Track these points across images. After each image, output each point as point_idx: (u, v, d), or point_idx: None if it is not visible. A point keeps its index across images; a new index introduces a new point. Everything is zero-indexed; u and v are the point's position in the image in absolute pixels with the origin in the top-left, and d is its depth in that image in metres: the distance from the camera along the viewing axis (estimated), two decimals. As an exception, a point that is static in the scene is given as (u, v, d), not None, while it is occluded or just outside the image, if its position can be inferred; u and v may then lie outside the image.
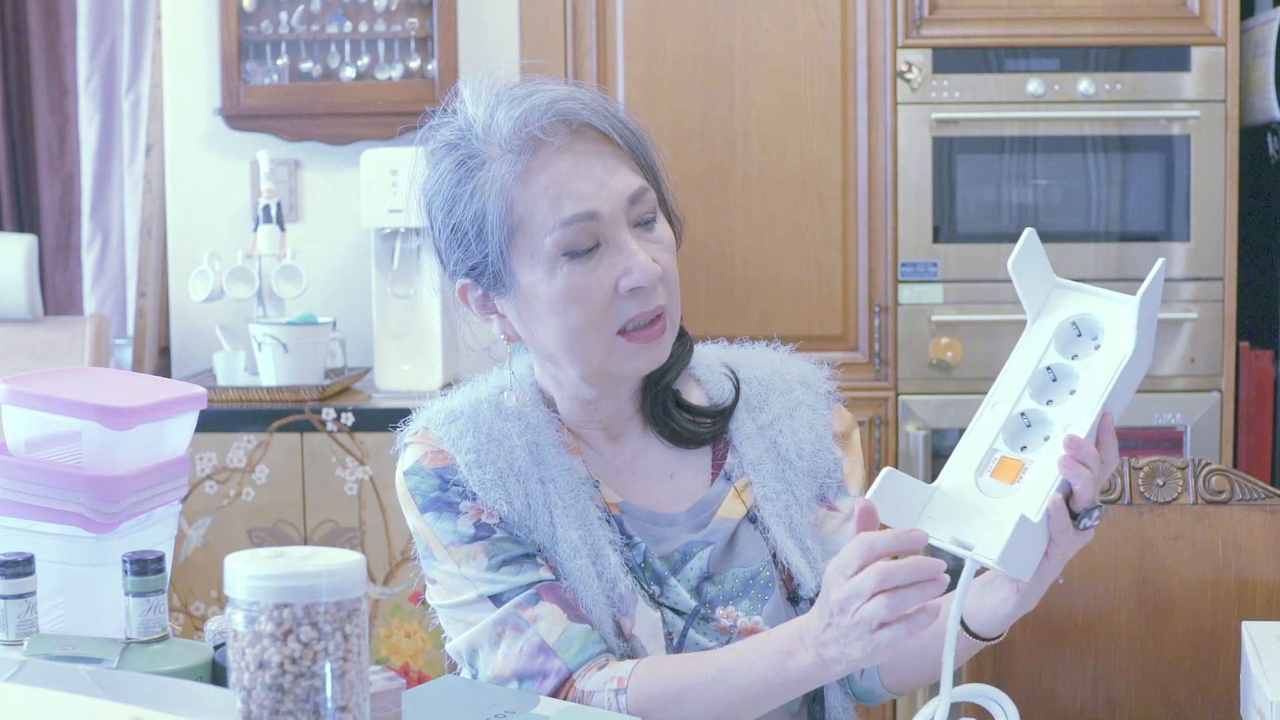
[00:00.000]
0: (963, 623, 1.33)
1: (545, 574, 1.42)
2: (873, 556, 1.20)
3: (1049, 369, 1.26)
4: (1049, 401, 1.26)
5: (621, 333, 1.40)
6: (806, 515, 1.49)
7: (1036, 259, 1.29)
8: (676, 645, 1.43)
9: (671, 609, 1.44)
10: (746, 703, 1.34)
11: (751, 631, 1.43)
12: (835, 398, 1.56)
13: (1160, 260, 1.23)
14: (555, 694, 1.39)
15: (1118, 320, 1.24)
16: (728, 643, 1.42)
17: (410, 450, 1.50)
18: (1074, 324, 1.27)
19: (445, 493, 1.45)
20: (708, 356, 1.57)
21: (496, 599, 1.42)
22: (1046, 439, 1.24)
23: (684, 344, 1.53)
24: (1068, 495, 1.23)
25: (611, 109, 1.43)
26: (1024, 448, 1.25)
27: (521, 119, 1.39)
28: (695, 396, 1.54)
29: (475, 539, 1.43)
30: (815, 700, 1.50)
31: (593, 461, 1.49)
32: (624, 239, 1.39)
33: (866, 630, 1.20)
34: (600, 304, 1.39)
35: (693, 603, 1.44)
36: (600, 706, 1.36)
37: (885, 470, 1.23)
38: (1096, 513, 1.23)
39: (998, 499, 1.22)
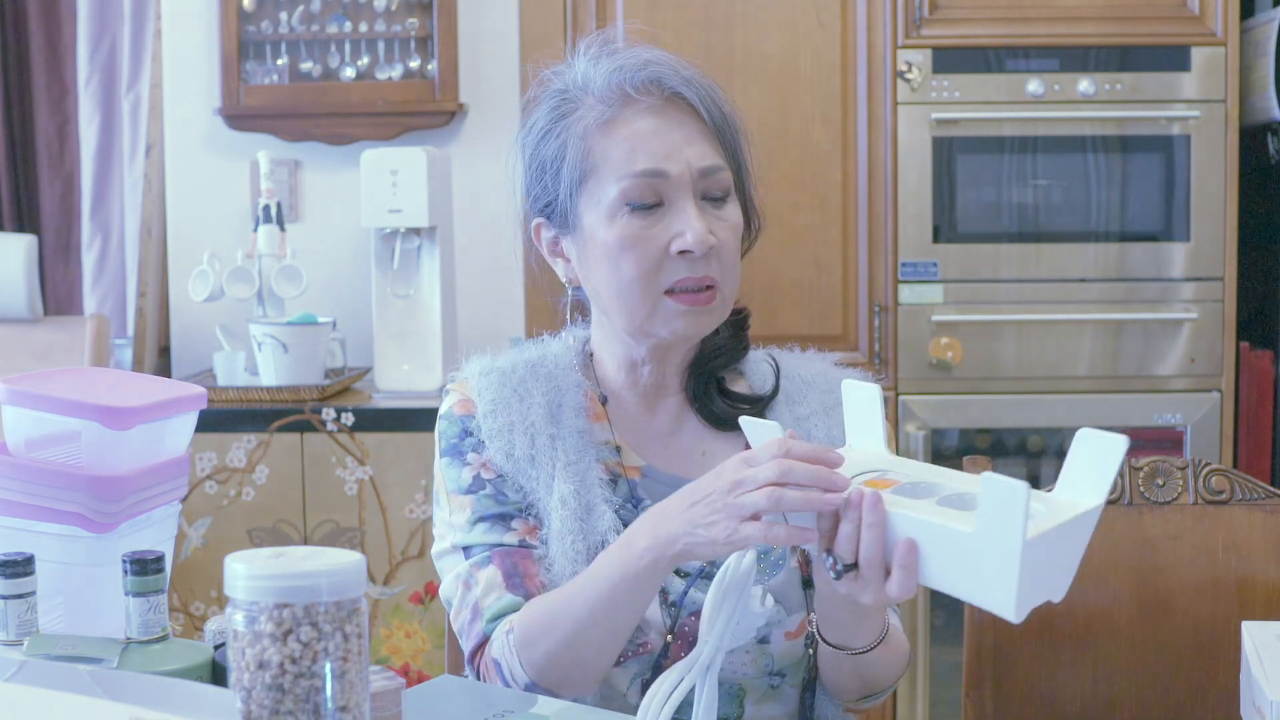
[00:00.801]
0: (820, 635, 1.40)
1: (511, 539, 1.47)
2: (782, 455, 1.23)
3: (960, 495, 1.20)
4: (945, 492, 1.22)
5: (669, 293, 1.45)
6: None
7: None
8: (675, 603, 1.46)
9: (675, 571, 1.47)
10: (602, 609, 1.35)
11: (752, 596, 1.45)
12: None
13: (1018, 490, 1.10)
14: (473, 657, 1.46)
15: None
16: None
17: (449, 396, 1.56)
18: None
19: (462, 441, 1.52)
20: (756, 355, 1.62)
21: (466, 551, 1.49)
22: (932, 498, 1.20)
23: (741, 340, 1.58)
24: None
25: (709, 89, 1.49)
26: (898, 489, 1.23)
27: (616, 73, 1.47)
28: (739, 388, 1.58)
29: (469, 491, 1.50)
30: (807, 689, 1.51)
31: (622, 428, 1.54)
32: (686, 204, 1.44)
33: (737, 515, 1.22)
34: (651, 259, 1.44)
35: (697, 563, 1.47)
36: (499, 654, 1.42)
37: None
38: (829, 560, 1.21)
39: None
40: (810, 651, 1.48)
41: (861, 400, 1.32)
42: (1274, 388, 3.27)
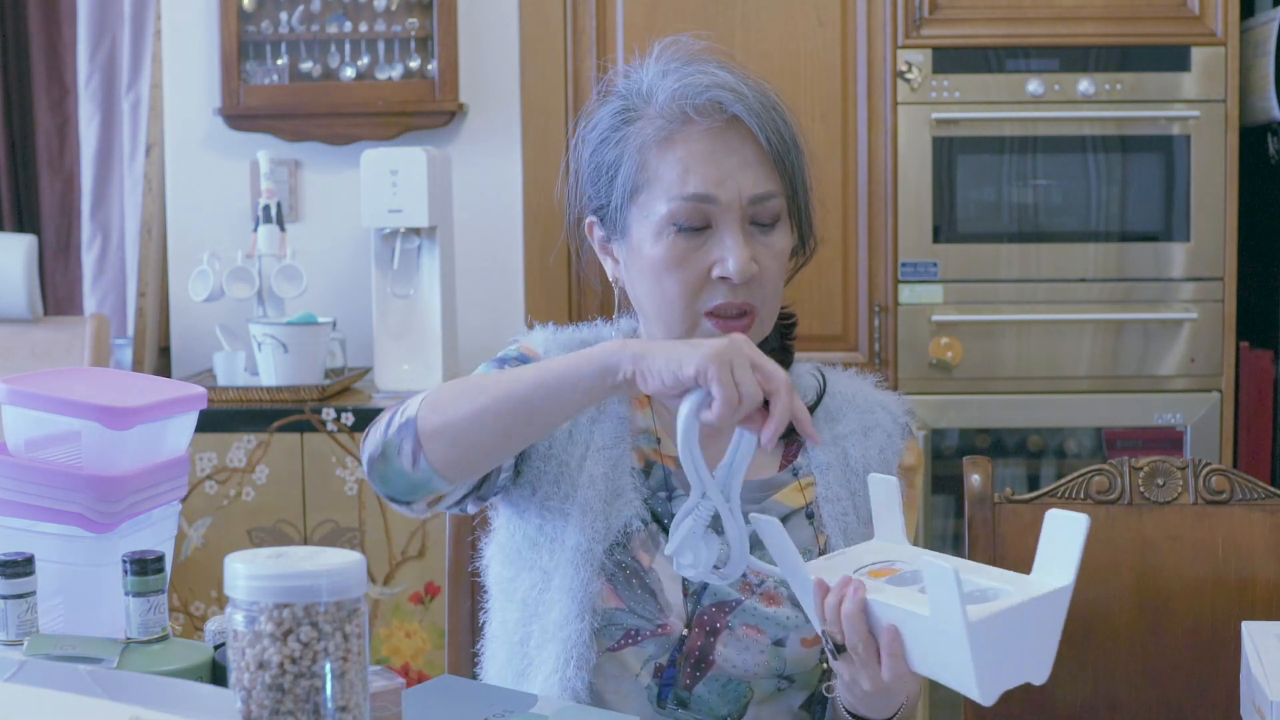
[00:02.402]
0: (848, 710, 1.40)
1: None
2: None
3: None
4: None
5: (708, 314, 1.47)
6: (862, 528, 1.52)
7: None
8: (697, 591, 1.47)
9: None
10: (537, 388, 1.33)
11: (772, 598, 1.47)
12: (910, 431, 1.60)
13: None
14: (392, 418, 1.42)
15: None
16: (747, 599, 1.47)
17: (515, 344, 1.58)
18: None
19: (513, 361, 1.53)
20: (801, 367, 1.63)
21: None
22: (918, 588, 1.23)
23: (786, 348, 1.60)
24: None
25: (770, 111, 1.48)
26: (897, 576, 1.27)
27: (679, 91, 1.47)
28: None
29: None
30: (817, 701, 1.51)
31: (664, 418, 1.56)
32: (733, 230, 1.45)
33: (723, 362, 1.23)
34: (693, 281, 1.46)
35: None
36: (408, 407, 1.39)
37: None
38: (828, 641, 1.26)
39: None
40: (823, 665, 1.48)
41: (886, 494, 1.33)
42: (1274, 388, 3.27)
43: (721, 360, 1.24)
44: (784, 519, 1.52)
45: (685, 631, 1.46)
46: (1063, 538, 1.16)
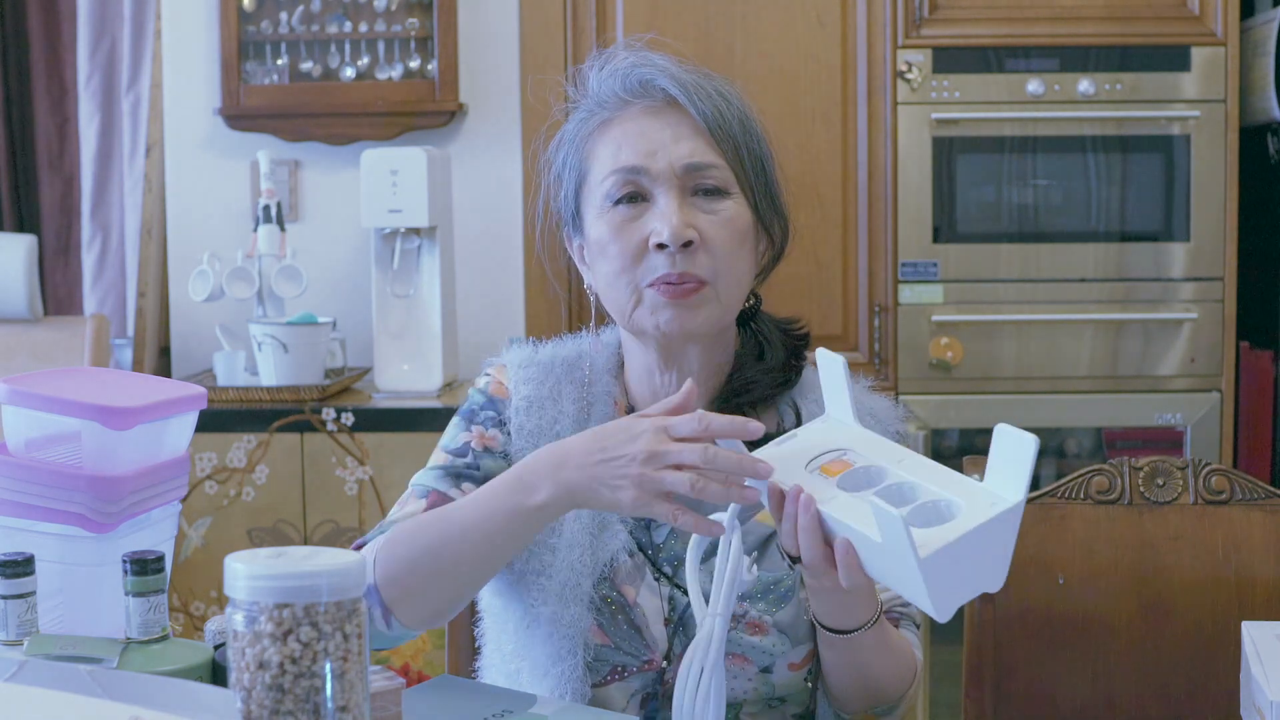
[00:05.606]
0: (815, 619, 1.39)
1: (454, 494, 1.48)
2: (703, 433, 1.24)
3: (898, 485, 1.23)
4: (886, 481, 1.24)
5: (650, 285, 1.45)
6: None
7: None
8: (676, 621, 1.45)
9: (681, 589, 1.47)
10: (479, 533, 1.33)
11: (758, 627, 1.45)
12: (903, 438, 1.54)
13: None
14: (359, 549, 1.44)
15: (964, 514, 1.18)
16: (733, 629, 1.44)
17: (486, 377, 1.58)
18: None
19: (479, 411, 1.54)
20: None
21: (416, 487, 1.50)
22: (871, 487, 1.24)
23: (794, 368, 1.55)
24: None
25: (707, 90, 1.48)
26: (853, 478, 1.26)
27: (610, 76, 1.50)
28: (766, 420, 1.54)
29: (453, 453, 1.51)
30: (806, 715, 1.51)
31: None
32: (668, 199, 1.44)
33: (651, 489, 1.23)
34: (633, 252, 1.45)
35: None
36: (366, 551, 1.40)
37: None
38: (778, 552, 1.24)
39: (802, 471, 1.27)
40: (809, 684, 1.48)
41: (830, 370, 1.33)
42: (1274, 388, 3.27)
43: (644, 489, 1.23)
44: (765, 540, 1.48)
45: (665, 664, 1.45)
46: (1013, 455, 1.16)
